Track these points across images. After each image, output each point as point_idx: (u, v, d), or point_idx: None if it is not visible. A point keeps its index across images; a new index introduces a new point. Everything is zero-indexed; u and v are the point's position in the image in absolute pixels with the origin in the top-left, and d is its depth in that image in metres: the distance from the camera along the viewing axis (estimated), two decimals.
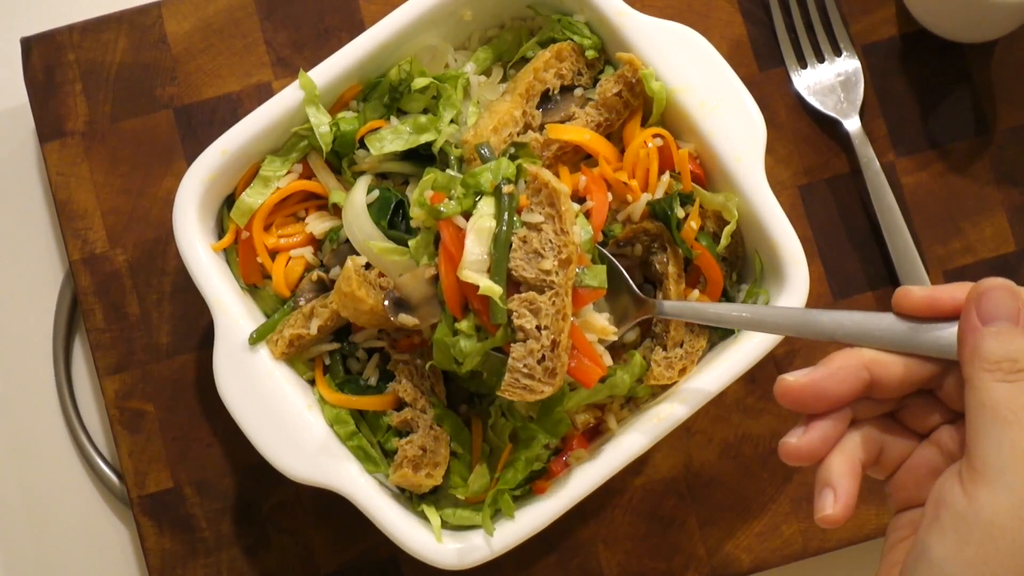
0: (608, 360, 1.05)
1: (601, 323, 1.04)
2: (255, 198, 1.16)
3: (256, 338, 1.13)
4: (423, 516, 1.12)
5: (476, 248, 1.00)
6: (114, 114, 1.30)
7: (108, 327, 1.27)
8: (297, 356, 1.15)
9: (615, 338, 1.05)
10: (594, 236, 1.05)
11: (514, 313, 0.99)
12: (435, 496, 1.14)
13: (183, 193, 1.13)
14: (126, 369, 1.27)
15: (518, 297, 1.00)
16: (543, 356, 0.99)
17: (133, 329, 1.27)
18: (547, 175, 1.01)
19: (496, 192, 1.02)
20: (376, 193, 1.14)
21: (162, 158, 1.29)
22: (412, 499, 1.14)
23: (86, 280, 1.28)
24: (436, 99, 1.17)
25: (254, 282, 1.18)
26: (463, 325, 1.01)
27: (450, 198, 1.03)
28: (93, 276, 1.28)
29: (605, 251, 1.08)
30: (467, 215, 1.02)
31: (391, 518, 1.09)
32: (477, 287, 0.99)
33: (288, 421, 1.11)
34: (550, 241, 1.00)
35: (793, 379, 0.86)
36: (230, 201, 1.18)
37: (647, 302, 1.06)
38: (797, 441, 0.86)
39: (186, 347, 1.27)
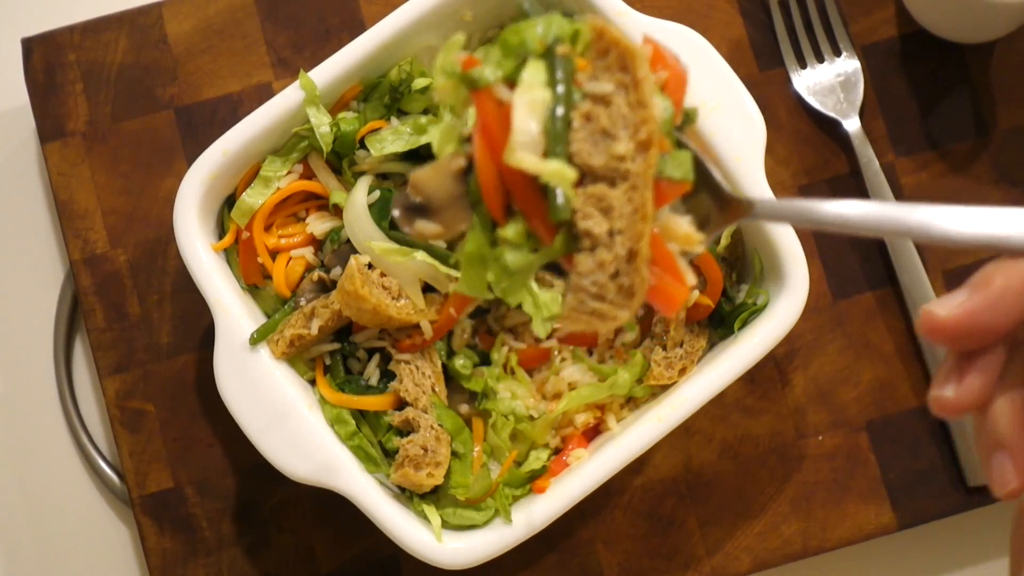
0: (691, 278, 0.80)
1: (685, 228, 0.80)
2: (256, 198, 1.16)
3: (257, 338, 1.13)
4: (423, 516, 1.12)
5: (529, 124, 0.76)
6: (115, 114, 1.30)
7: (109, 327, 1.27)
8: (298, 356, 1.15)
9: (701, 249, 0.80)
10: (676, 113, 0.81)
11: (578, 213, 0.76)
12: (435, 496, 1.14)
13: (184, 193, 1.14)
14: (127, 369, 1.27)
15: (583, 192, 0.76)
16: (617, 271, 0.76)
17: (134, 329, 1.27)
18: (616, 31, 0.78)
19: (548, 54, 0.78)
20: (377, 193, 1.14)
21: (163, 158, 1.29)
22: (412, 499, 1.14)
23: (87, 280, 1.28)
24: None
25: (255, 282, 1.18)
26: (509, 232, 0.77)
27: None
28: (94, 276, 1.28)
29: (683, 137, 0.85)
30: (509, 85, 0.79)
31: (391, 518, 1.09)
32: (529, 178, 0.75)
33: (288, 421, 1.11)
34: (623, 117, 0.77)
35: (945, 313, 0.68)
36: (231, 201, 1.18)
37: (736, 202, 0.81)
38: (955, 395, 0.69)
39: (187, 347, 1.27)
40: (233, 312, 1.13)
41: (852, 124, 1.29)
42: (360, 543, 1.25)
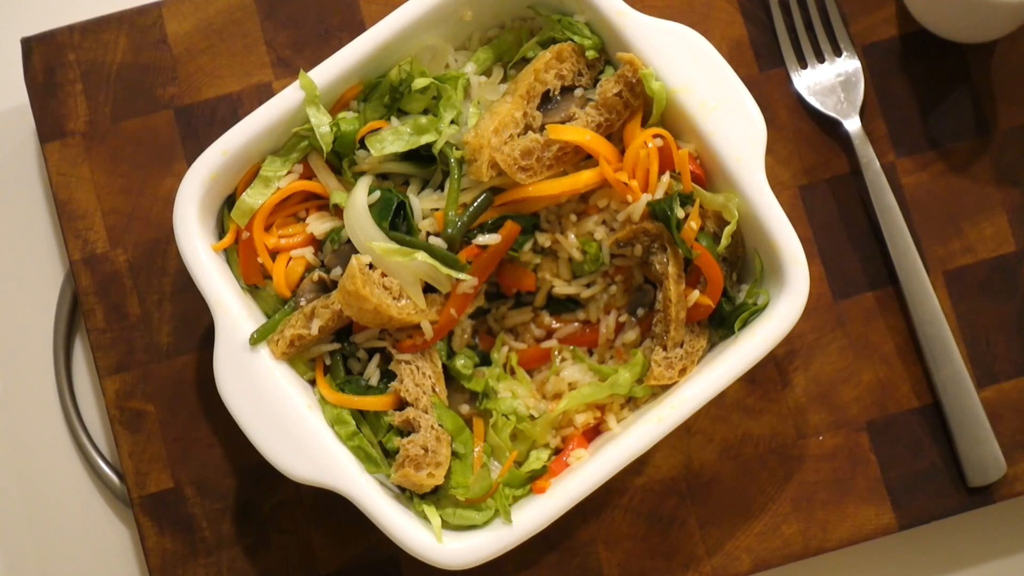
0: None
1: None
2: (256, 198, 1.16)
3: (257, 338, 1.13)
4: (424, 516, 1.12)
5: None
6: (114, 114, 1.30)
7: (109, 327, 1.27)
8: (298, 356, 1.15)
9: None
10: None
11: None
12: (435, 496, 1.14)
13: (184, 193, 1.14)
14: (126, 369, 1.27)
15: None
16: None
17: (133, 329, 1.27)
18: None
19: None
20: (377, 194, 1.14)
21: (162, 158, 1.29)
22: (413, 499, 1.14)
23: (87, 280, 1.28)
24: (436, 100, 1.17)
25: (255, 282, 1.18)
26: None
27: None
28: (94, 276, 1.28)
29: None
30: None
31: (391, 518, 1.09)
32: None
33: (288, 421, 1.11)
34: None
35: None
36: (230, 201, 1.18)
37: None
38: None
39: (187, 347, 1.27)
40: (233, 312, 1.13)
41: (852, 124, 1.29)
42: (360, 543, 1.25)
